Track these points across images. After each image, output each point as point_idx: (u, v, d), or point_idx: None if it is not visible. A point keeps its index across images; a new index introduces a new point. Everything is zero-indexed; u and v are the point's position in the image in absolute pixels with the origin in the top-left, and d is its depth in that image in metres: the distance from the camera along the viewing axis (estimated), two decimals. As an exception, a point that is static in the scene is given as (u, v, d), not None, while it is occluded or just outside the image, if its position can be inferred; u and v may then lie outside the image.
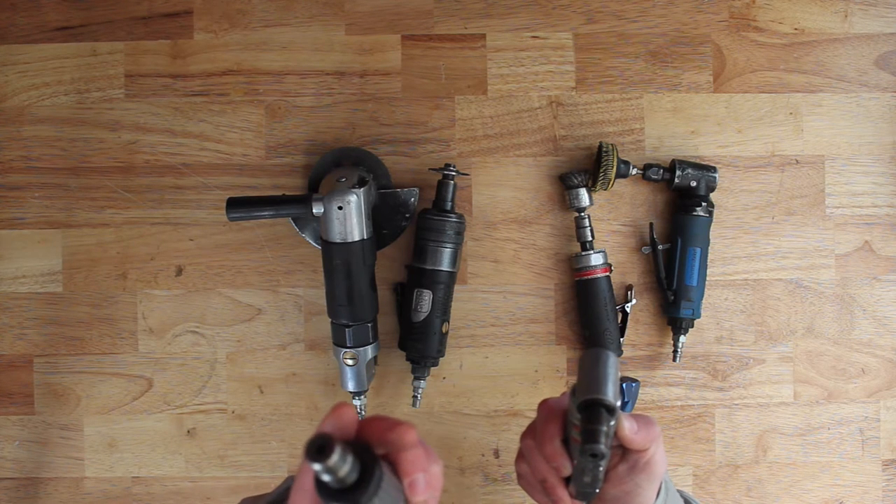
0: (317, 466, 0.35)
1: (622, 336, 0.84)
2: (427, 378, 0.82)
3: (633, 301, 0.85)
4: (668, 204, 0.85)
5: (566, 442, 0.53)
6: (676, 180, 0.82)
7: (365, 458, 0.38)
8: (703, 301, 0.83)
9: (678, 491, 0.62)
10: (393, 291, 0.84)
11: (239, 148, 0.85)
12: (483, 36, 0.85)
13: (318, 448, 0.34)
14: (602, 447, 0.47)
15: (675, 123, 0.86)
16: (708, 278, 0.83)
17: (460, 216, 0.80)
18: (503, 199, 0.85)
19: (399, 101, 0.85)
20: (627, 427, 0.53)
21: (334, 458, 0.35)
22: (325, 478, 0.36)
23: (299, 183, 0.85)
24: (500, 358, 0.85)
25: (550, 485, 0.54)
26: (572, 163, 0.85)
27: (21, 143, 0.85)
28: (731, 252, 0.86)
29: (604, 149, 0.80)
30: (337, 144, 0.84)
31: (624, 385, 0.81)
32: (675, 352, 0.83)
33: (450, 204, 0.80)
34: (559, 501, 0.54)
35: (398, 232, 0.83)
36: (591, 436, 0.47)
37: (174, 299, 0.85)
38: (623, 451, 0.55)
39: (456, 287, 0.82)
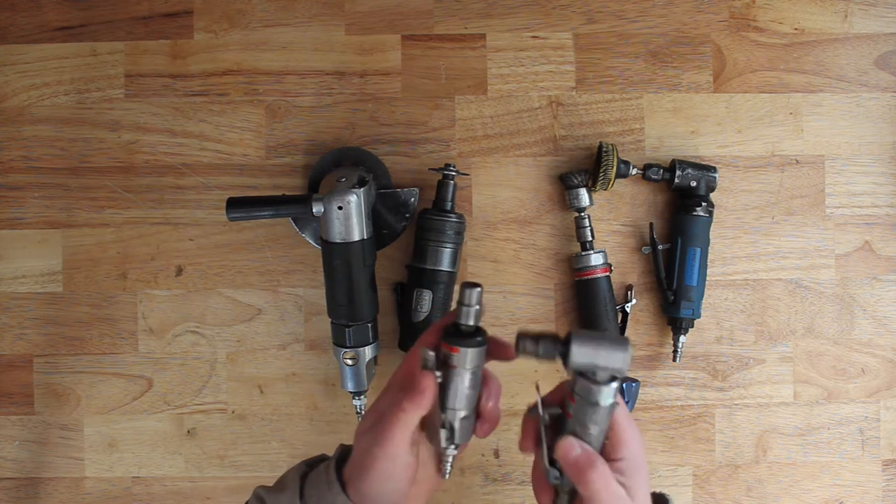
0: (468, 291, 0.50)
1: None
2: (427, 378, 0.81)
3: (633, 301, 0.85)
4: (668, 204, 0.85)
5: (562, 422, 0.52)
6: (676, 180, 0.82)
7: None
8: (703, 301, 0.83)
9: None
10: (393, 291, 0.84)
11: (239, 148, 0.85)
12: (483, 36, 0.85)
13: (472, 284, 0.50)
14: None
15: (675, 123, 0.86)
16: (708, 278, 0.83)
17: (460, 216, 0.80)
18: (503, 199, 0.85)
19: (399, 101, 0.85)
20: (564, 446, 0.50)
21: (479, 294, 0.50)
22: (465, 309, 0.50)
23: (299, 183, 0.85)
24: (500, 358, 0.85)
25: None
26: (572, 163, 0.85)
27: (21, 143, 0.85)
28: (731, 252, 0.86)
29: (604, 149, 0.80)
30: (337, 144, 0.84)
31: (624, 385, 0.81)
32: (675, 352, 0.83)
33: (450, 204, 0.80)
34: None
35: (398, 232, 0.83)
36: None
37: (174, 299, 0.85)
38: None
39: (456, 287, 0.82)
